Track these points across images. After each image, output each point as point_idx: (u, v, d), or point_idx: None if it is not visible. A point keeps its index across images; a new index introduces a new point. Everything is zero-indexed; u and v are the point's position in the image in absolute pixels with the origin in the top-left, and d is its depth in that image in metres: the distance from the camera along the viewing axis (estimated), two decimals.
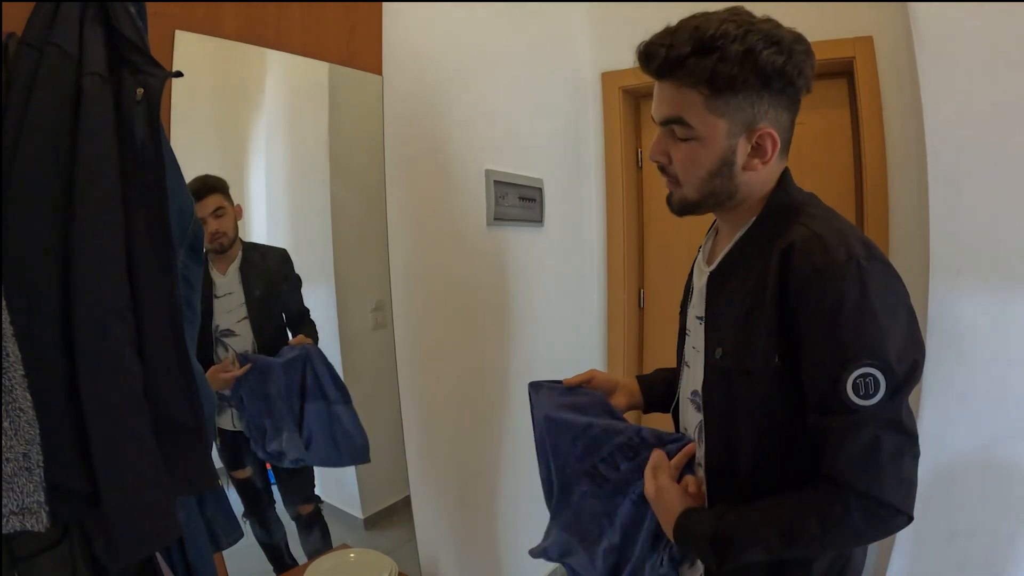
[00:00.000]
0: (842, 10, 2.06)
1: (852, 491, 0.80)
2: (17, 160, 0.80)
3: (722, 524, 0.88)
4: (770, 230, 0.91)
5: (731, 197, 0.94)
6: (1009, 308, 1.58)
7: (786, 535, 0.83)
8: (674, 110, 0.89)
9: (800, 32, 0.88)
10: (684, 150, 0.91)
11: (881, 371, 0.79)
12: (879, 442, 0.79)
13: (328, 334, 1.56)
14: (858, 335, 0.79)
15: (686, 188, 0.94)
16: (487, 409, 2.10)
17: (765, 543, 0.85)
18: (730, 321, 0.93)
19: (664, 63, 0.87)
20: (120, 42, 0.90)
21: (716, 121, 0.87)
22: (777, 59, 0.83)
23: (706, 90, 0.85)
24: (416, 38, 1.75)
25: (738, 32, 0.83)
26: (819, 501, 0.82)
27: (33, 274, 0.80)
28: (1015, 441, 1.60)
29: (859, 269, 0.80)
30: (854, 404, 0.79)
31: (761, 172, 0.92)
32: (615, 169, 2.63)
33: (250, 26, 1.34)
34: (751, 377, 0.89)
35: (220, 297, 1.37)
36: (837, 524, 0.80)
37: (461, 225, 1.95)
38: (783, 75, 0.84)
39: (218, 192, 1.33)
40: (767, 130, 0.88)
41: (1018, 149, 1.55)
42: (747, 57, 0.82)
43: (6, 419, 0.75)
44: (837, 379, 0.80)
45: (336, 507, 1.58)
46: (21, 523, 0.76)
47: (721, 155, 0.89)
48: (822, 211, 0.91)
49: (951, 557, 1.69)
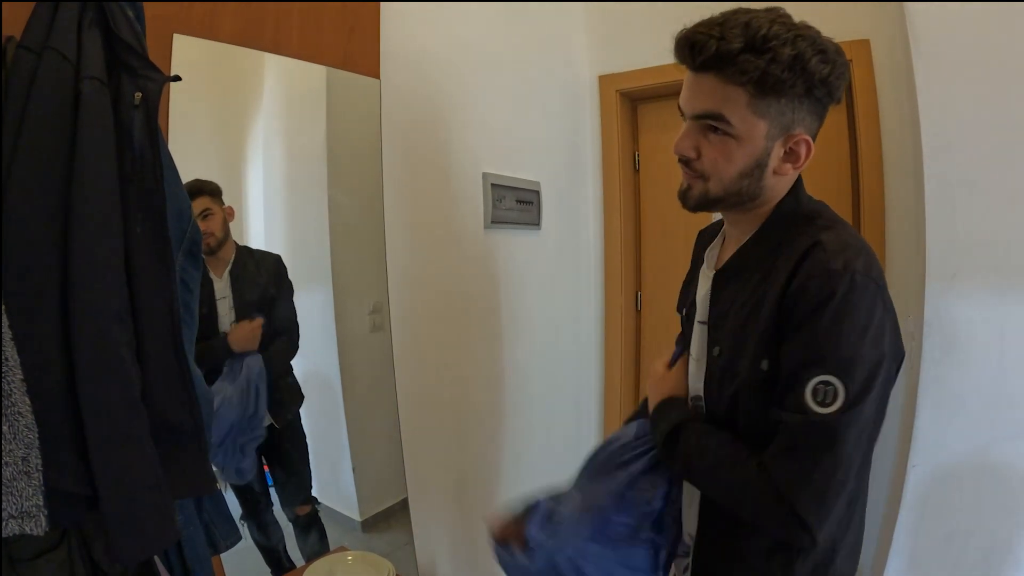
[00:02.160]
0: (838, 13, 2.07)
1: (776, 488, 0.82)
2: (16, 164, 0.80)
3: (685, 430, 0.96)
4: (776, 237, 0.92)
5: (753, 199, 0.93)
6: (1005, 311, 1.59)
7: (710, 471, 0.92)
8: (715, 105, 0.87)
9: (842, 48, 0.88)
10: (718, 146, 0.89)
11: (843, 383, 0.79)
12: (818, 461, 0.80)
13: (325, 337, 1.56)
14: (829, 343, 0.80)
15: (712, 183, 0.92)
16: (485, 411, 2.10)
17: (694, 462, 0.94)
18: (730, 323, 0.94)
19: (715, 56, 0.84)
20: (118, 46, 0.90)
21: (757, 121, 0.86)
22: (824, 68, 0.83)
23: (752, 89, 0.84)
24: (414, 42, 1.75)
25: (788, 36, 0.82)
26: (751, 469, 0.85)
27: (32, 278, 0.80)
28: (1012, 443, 1.60)
29: (851, 282, 0.80)
30: (808, 408, 0.80)
31: (789, 178, 0.92)
32: (612, 172, 2.63)
33: (248, 29, 1.34)
34: (738, 379, 0.90)
35: (219, 300, 1.37)
36: (750, 495, 0.85)
37: (458, 228, 1.96)
38: (826, 84, 0.85)
39: (205, 195, 1.32)
40: (803, 136, 0.88)
41: (1015, 152, 1.56)
42: (797, 62, 0.82)
43: (5, 423, 0.75)
44: (798, 380, 0.81)
45: (333, 509, 1.58)
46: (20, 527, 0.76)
47: (757, 156, 0.89)
48: (833, 222, 0.91)
49: (948, 558, 1.69)
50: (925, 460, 1.63)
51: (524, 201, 2.22)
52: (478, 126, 2.01)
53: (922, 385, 1.64)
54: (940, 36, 1.62)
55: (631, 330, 2.70)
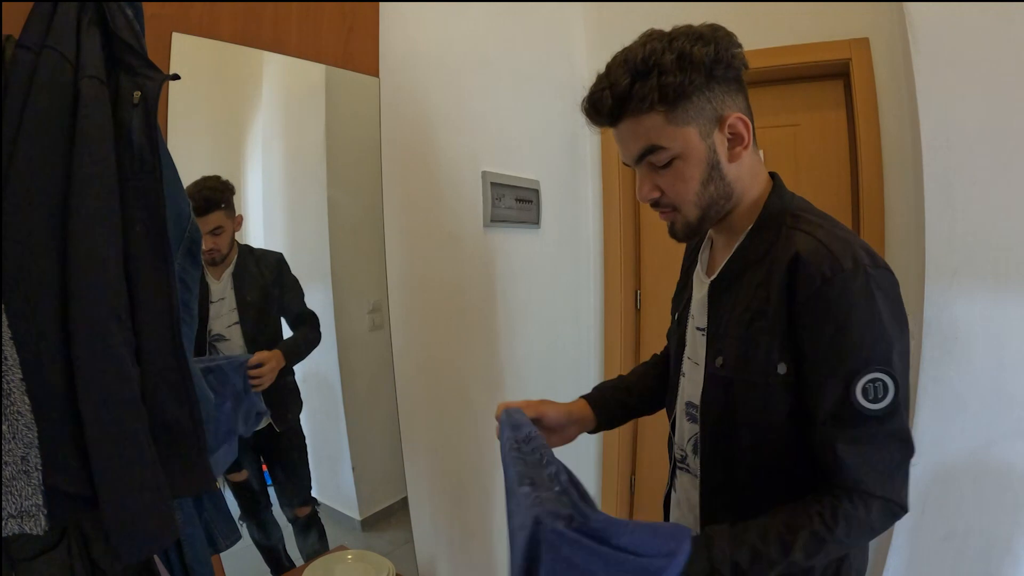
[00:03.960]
0: (838, 12, 2.07)
1: (873, 496, 0.82)
2: (15, 164, 0.80)
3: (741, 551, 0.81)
4: (768, 237, 0.92)
5: (728, 198, 0.94)
6: (1005, 309, 1.59)
7: (806, 547, 0.81)
8: (644, 141, 0.90)
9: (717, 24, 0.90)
10: (670, 174, 0.91)
11: (890, 376, 0.80)
12: (890, 450, 0.82)
13: (325, 336, 1.56)
14: (869, 341, 0.81)
15: (685, 210, 0.94)
16: (484, 410, 2.10)
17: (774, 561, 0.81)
18: (732, 331, 0.93)
19: (614, 103, 0.88)
20: (117, 45, 0.90)
21: (685, 130, 0.88)
22: (708, 50, 0.85)
23: (662, 108, 0.86)
24: (413, 40, 1.75)
25: (662, 45, 0.85)
26: (843, 506, 0.82)
27: (31, 277, 0.80)
28: (1011, 442, 1.60)
29: (867, 276, 0.81)
30: (865, 409, 0.80)
31: (746, 161, 0.93)
32: (611, 170, 2.63)
33: (247, 28, 1.34)
34: (754, 387, 0.89)
35: (214, 302, 1.37)
36: (861, 526, 0.82)
37: (458, 227, 1.96)
38: (719, 61, 0.86)
39: (220, 209, 1.32)
40: (735, 115, 0.89)
41: (1014, 150, 1.56)
42: (682, 61, 0.84)
43: (5, 423, 0.75)
44: (849, 385, 0.81)
45: (333, 509, 1.58)
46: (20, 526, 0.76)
47: (706, 159, 0.90)
48: (821, 218, 0.91)
49: (947, 557, 1.69)
50: (924, 459, 1.63)
51: (523, 200, 2.22)
52: (477, 124, 2.01)
53: (921, 384, 1.64)
54: (940, 35, 1.62)
55: (630, 329, 2.70)
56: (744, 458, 0.92)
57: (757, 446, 0.90)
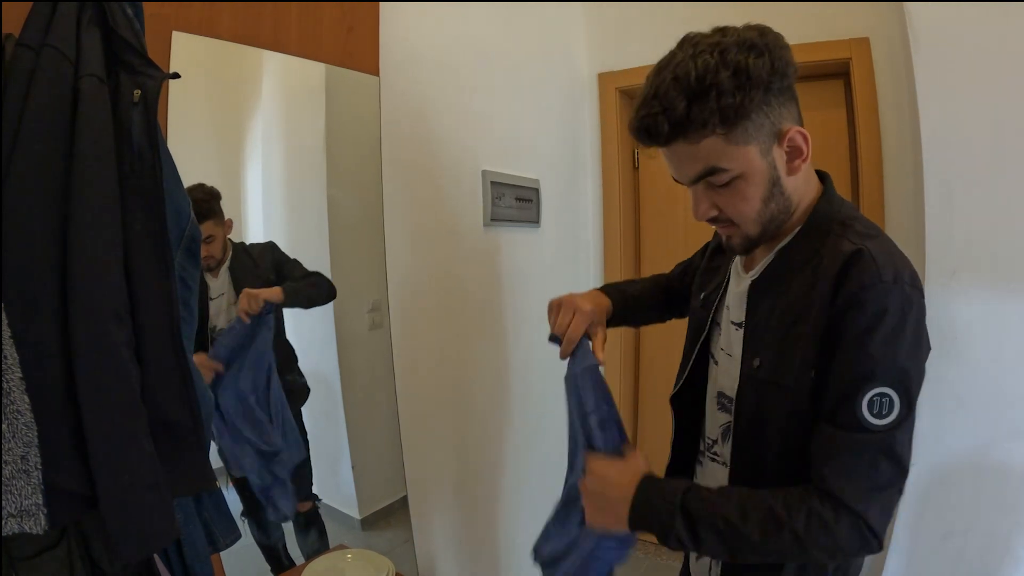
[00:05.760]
0: (838, 11, 2.07)
1: (845, 507, 0.80)
2: (14, 162, 0.80)
3: (690, 496, 0.87)
4: (815, 242, 0.91)
5: (788, 212, 0.92)
6: (1005, 309, 1.59)
7: (762, 522, 0.82)
8: (703, 164, 0.86)
9: (762, 25, 0.86)
10: (729, 194, 0.88)
11: (900, 396, 0.79)
12: (879, 468, 0.80)
13: (325, 335, 1.56)
14: (888, 355, 0.80)
15: (746, 226, 0.91)
16: (484, 409, 2.10)
17: (730, 522, 0.83)
18: (771, 333, 0.92)
19: (671, 128, 0.83)
20: (117, 44, 0.90)
21: (745, 150, 0.84)
22: (763, 62, 0.81)
23: (722, 129, 0.82)
24: (413, 39, 1.75)
25: (715, 60, 0.80)
26: (811, 501, 0.81)
27: (31, 276, 0.80)
28: (1010, 442, 1.60)
29: (903, 294, 0.80)
30: (866, 420, 0.79)
31: (803, 173, 0.91)
32: (611, 169, 2.63)
33: (247, 27, 1.34)
34: (785, 391, 0.88)
35: (214, 299, 1.37)
36: (823, 529, 0.80)
37: (458, 226, 1.96)
38: (775, 73, 0.82)
39: (210, 219, 1.32)
40: (793, 129, 0.86)
41: (1014, 150, 1.56)
42: (739, 77, 0.80)
43: (4, 422, 0.75)
44: (855, 392, 0.80)
45: (333, 507, 1.58)
46: (20, 525, 0.76)
47: (767, 176, 0.87)
48: (871, 228, 0.90)
49: (946, 557, 1.69)
50: (923, 459, 1.63)
51: (523, 199, 2.22)
52: (477, 124, 2.01)
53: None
54: (940, 35, 1.63)
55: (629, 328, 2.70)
56: (772, 455, 0.91)
57: (785, 445, 0.89)
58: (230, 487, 1.38)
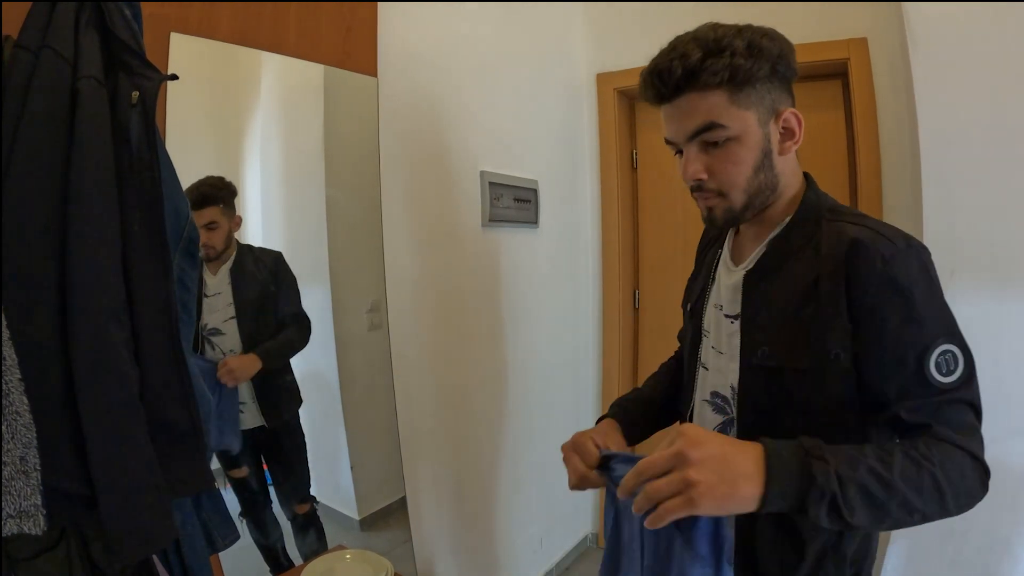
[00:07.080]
0: (837, 12, 2.07)
1: (960, 447, 0.80)
2: (13, 164, 0.80)
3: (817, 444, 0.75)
4: (808, 228, 0.93)
5: (773, 190, 0.95)
6: (1004, 309, 1.59)
7: (906, 466, 0.74)
8: (704, 117, 0.89)
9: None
10: (723, 155, 0.91)
11: (958, 346, 0.83)
12: (968, 416, 0.84)
13: (323, 335, 1.56)
14: (935, 314, 0.84)
15: (732, 195, 0.93)
16: (483, 410, 2.10)
17: (886, 471, 0.74)
18: (774, 320, 0.93)
19: (684, 74, 0.87)
20: (115, 45, 0.90)
21: (746, 114, 0.89)
22: (775, 46, 0.88)
23: (729, 87, 0.87)
24: (411, 40, 1.75)
25: (733, 31, 0.88)
26: (937, 440, 0.78)
27: (30, 277, 0.80)
28: (1010, 441, 1.60)
29: (919, 254, 0.84)
30: (940, 383, 0.81)
31: (791, 157, 0.95)
32: (610, 170, 2.63)
33: (245, 28, 1.34)
34: (805, 374, 0.89)
35: (209, 296, 1.37)
36: (953, 459, 0.78)
37: (456, 226, 1.96)
38: (784, 59, 0.89)
39: (215, 204, 1.33)
40: (789, 110, 0.92)
41: (1012, 150, 1.56)
42: (753, 48, 0.86)
43: (3, 423, 0.75)
44: (922, 361, 0.81)
45: (332, 508, 1.59)
46: (19, 526, 0.76)
47: (760, 146, 0.91)
48: (857, 213, 0.94)
49: (945, 556, 1.69)
50: None
51: (522, 199, 2.22)
52: (476, 124, 2.01)
53: None
54: (938, 35, 1.63)
55: (629, 328, 2.70)
56: None
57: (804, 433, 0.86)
58: (228, 488, 1.38)
